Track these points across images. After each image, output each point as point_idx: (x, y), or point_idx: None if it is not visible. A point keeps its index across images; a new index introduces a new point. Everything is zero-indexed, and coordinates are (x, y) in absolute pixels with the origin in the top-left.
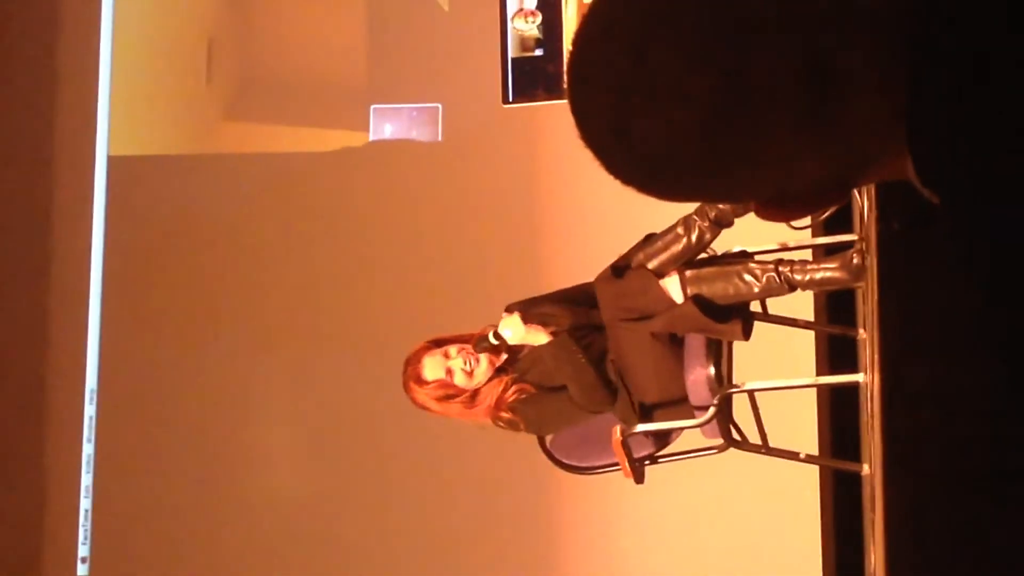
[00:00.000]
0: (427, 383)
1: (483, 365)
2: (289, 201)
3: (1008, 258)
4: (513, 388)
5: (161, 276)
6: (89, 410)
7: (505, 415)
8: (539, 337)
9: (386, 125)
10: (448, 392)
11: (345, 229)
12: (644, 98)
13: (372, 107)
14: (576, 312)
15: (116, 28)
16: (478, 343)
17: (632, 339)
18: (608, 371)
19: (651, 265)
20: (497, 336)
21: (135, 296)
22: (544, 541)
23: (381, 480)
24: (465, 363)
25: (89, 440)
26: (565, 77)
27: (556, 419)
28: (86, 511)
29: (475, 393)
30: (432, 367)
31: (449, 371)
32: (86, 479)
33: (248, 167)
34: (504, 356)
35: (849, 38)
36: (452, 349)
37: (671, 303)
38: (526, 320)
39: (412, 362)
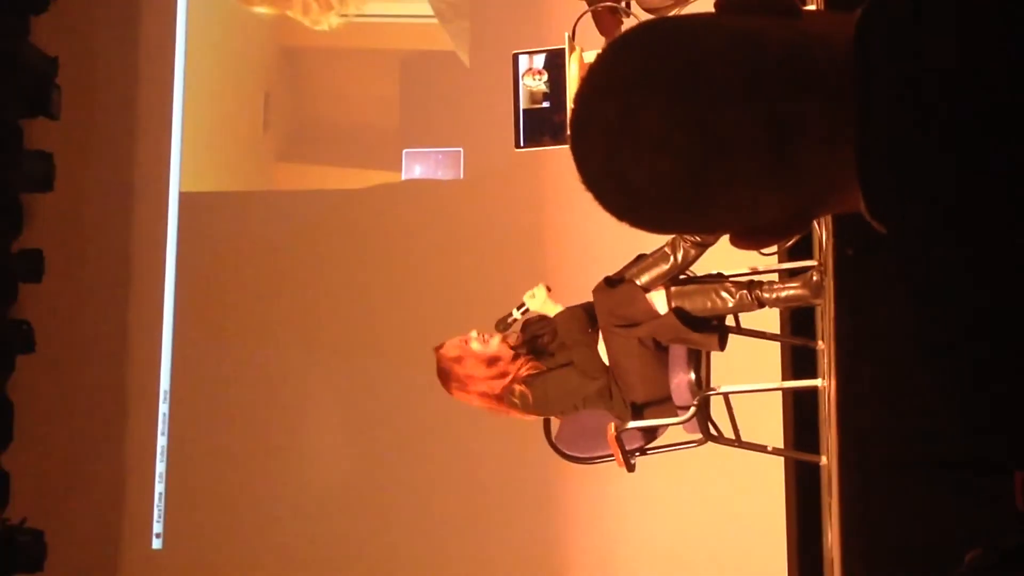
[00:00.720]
0: (445, 345)
1: (496, 339)
2: (333, 231)
3: (939, 279)
4: (528, 365)
5: (224, 295)
6: (163, 408)
7: (518, 387)
8: (555, 308)
9: (416, 166)
10: (464, 352)
11: (380, 255)
12: (633, 149)
13: (404, 151)
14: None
15: (187, 81)
16: (499, 321)
17: (622, 344)
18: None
19: (641, 280)
20: (520, 308)
21: (202, 311)
22: (551, 521)
23: (406, 470)
24: (480, 335)
25: (163, 433)
26: (568, 128)
27: (559, 399)
28: (160, 494)
29: (493, 360)
30: (451, 341)
31: (465, 340)
32: (160, 467)
33: (298, 202)
34: (518, 339)
35: (803, 96)
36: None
37: (656, 314)
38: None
39: (436, 347)
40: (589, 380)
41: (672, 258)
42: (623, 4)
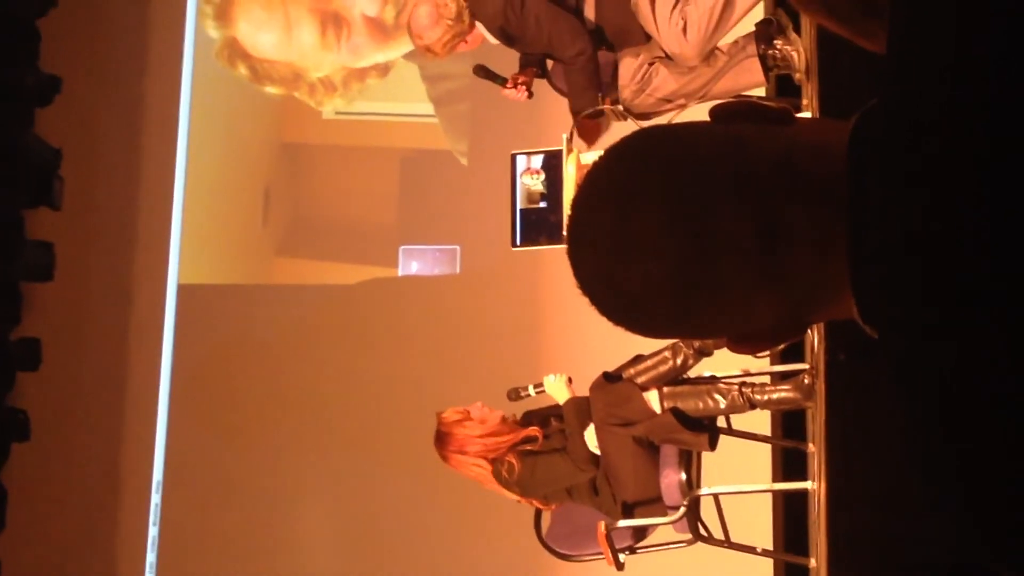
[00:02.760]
0: (448, 410)
1: (497, 414)
2: (330, 325)
3: (931, 386)
4: (527, 432)
5: (220, 386)
6: (155, 498)
7: (509, 458)
8: (566, 395)
9: (413, 263)
10: (463, 416)
11: (376, 349)
12: (626, 255)
13: (401, 248)
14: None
15: (188, 174)
16: (512, 391)
17: (617, 441)
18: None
19: (639, 380)
20: (536, 386)
21: (197, 403)
22: None
23: (405, 564)
24: (483, 408)
25: (154, 523)
26: (564, 233)
27: (545, 483)
28: None
29: (493, 424)
30: (455, 408)
31: (466, 410)
32: (150, 557)
33: (296, 296)
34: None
35: (794, 203)
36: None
37: (652, 413)
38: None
39: (439, 412)
40: (578, 471)
41: (672, 362)
42: (620, 108)
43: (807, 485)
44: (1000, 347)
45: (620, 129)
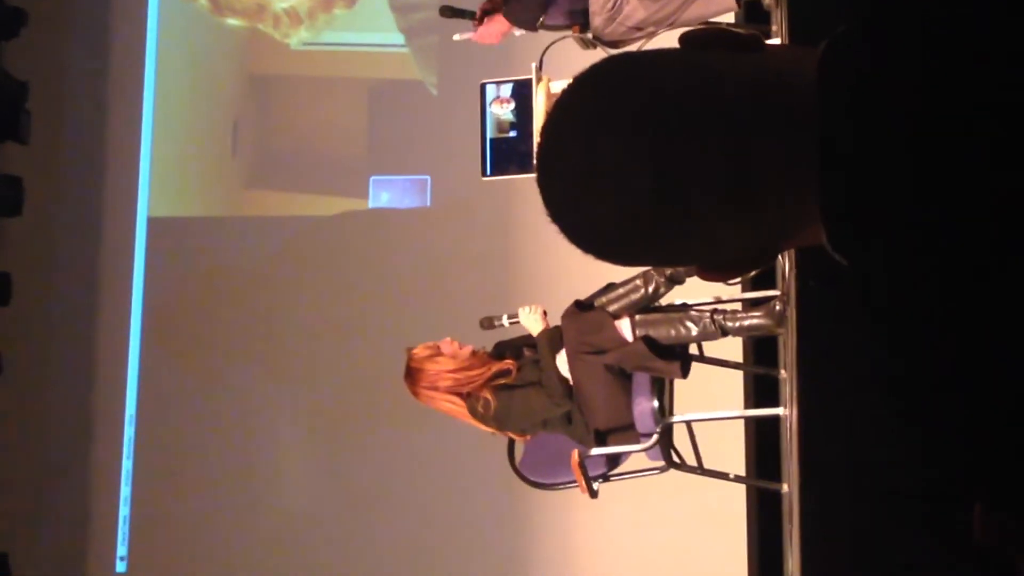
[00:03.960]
0: (418, 346)
1: (468, 348)
2: (300, 257)
3: (900, 311)
4: (499, 365)
5: (191, 319)
6: (128, 431)
7: (484, 394)
8: (539, 326)
9: (383, 194)
10: (434, 351)
11: (346, 280)
12: (595, 184)
13: (371, 178)
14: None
15: (157, 108)
16: (485, 319)
17: (589, 370)
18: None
19: (610, 308)
20: (510, 316)
21: (168, 335)
22: (513, 546)
23: (376, 493)
24: (453, 343)
25: (128, 457)
26: (534, 164)
27: (520, 417)
28: (125, 517)
29: (465, 359)
30: (424, 344)
31: (436, 345)
32: (125, 490)
33: (265, 228)
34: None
35: (764, 133)
36: None
37: (623, 342)
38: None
39: (408, 348)
40: (553, 405)
41: (643, 290)
42: (589, 36)
43: (779, 411)
44: (966, 274)
45: (590, 57)
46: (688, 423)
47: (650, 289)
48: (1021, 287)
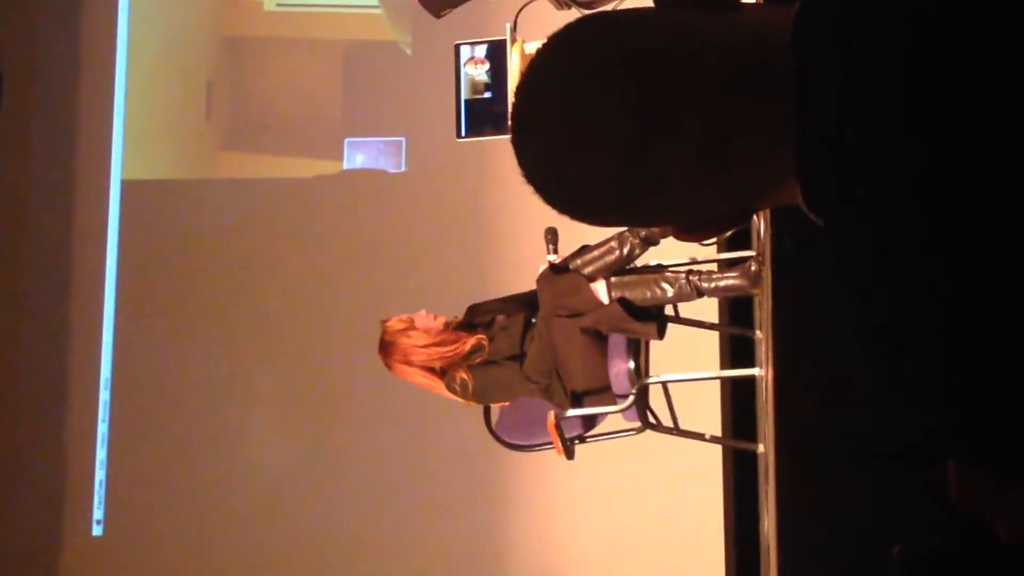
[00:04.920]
0: (392, 319)
1: (442, 319)
2: (275, 219)
3: (875, 270)
4: (475, 339)
5: (166, 282)
6: (103, 395)
7: (461, 374)
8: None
9: (358, 155)
10: (408, 324)
11: (321, 243)
12: (570, 143)
13: (346, 140)
14: (526, 311)
15: (130, 71)
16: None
17: (564, 332)
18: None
19: (585, 271)
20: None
21: (143, 298)
22: (490, 508)
23: (351, 457)
24: (428, 316)
25: (104, 420)
26: (509, 123)
27: (498, 390)
28: (100, 481)
29: (440, 332)
30: (397, 317)
31: (410, 317)
32: (100, 454)
33: (240, 190)
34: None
35: (741, 92)
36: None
37: (599, 304)
38: (488, 307)
39: (383, 320)
40: (531, 383)
41: (618, 252)
42: None
43: (755, 372)
44: (945, 232)
45: (564, 17)
46: (664, 384)
47: (625, 251)
48: (1004, 246)
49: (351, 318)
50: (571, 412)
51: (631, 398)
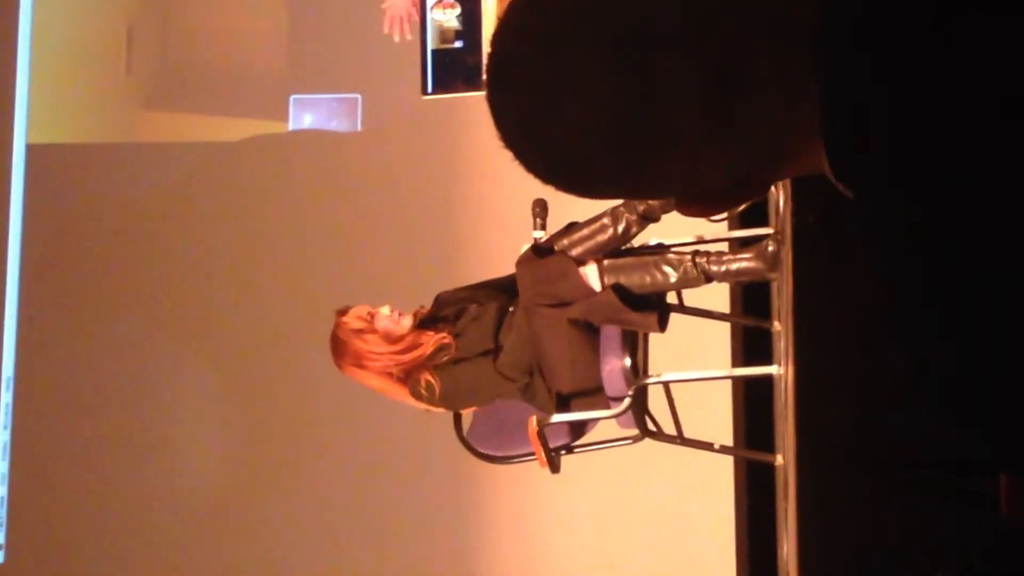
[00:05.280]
0: (348, 314)
1: (408, 319)
2: (208, 190)
3: (917, 251)
4: (438, 339)
5: (79, 264)
6: (6, 397)
7: (426, 377)
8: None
9: (306, 115)
10: (368, 325)
11: (263, 218)
12: (556, 101)
13: (292, 97)
14: (502, 299)
15: (36, 15)
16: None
17: (549, 325)
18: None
19: (574, 252)
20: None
21: (52, 284)
22: (462, 530)
23: (300, 471)
24: (392, 314)
25: (6, 427)
26: (484, 76)
27: (469, 393)
28: (2, 497)
29: (401, 339)
30: (357, 308)
31: (371, 313)
32: (2, 466)
33: (167, 156)
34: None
35: (753, 40)
36: (385, 306)
37: (589, 291)
38: (457, 296)
39: (339, 310)
40: (508, 381)
41: (612, 229)
42: None
43: (772, 370)
44: (1000, 204)
45: None
46: (666, 385)
47: (620, 228)
48: None
49: (298, 306)
50: (556, 417)
51: (627, 401)
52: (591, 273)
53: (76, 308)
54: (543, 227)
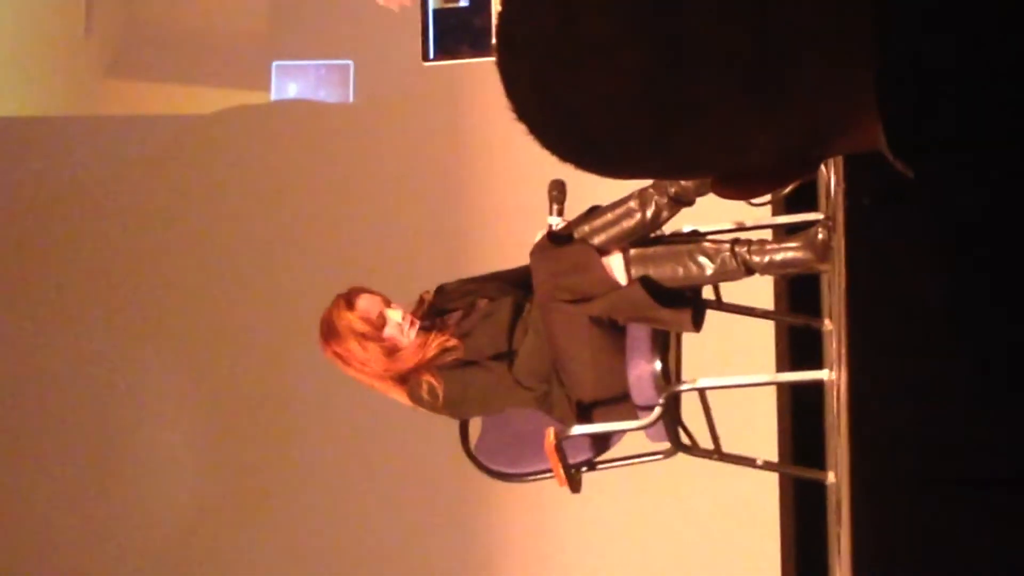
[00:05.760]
0: (356, 309)
1: (415, 330)
2: (178, 170)
3: (987, 241)
4: (440, 341)
5: (35, 255)
6: None
7: (428, 379)
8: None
9: (290, 84)
10: (373, 330)
11: (242, 201)
12: (576, 66)
13: (274, 64)
14: (516, 294)
15: None
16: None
17: (568, 323)
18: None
19: (595, 240)
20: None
21: (4, 274)
22: (472, 556)
23: (279, 482)
24: (404, 320)
25: None
26: (493, 40)
27: (478, 400)
28: None
29: (396, 347)
30: (368, 302)
31: (382, 315)
32: None
33: (132, 130)
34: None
35: None
36: (398, 307)
37: (614, 285)
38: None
39: (349, 292)
40: (523, 390)
41: (640, 214)
42: None
43: (822, 375)
44: None
45: None
46: (701, 392)
47: (648, 213)
48: None
49: (283, 302)
50: (576, 429)
51: (657, 410)
52: (616, 264)
53: (34, 301)
54: (561, 212)
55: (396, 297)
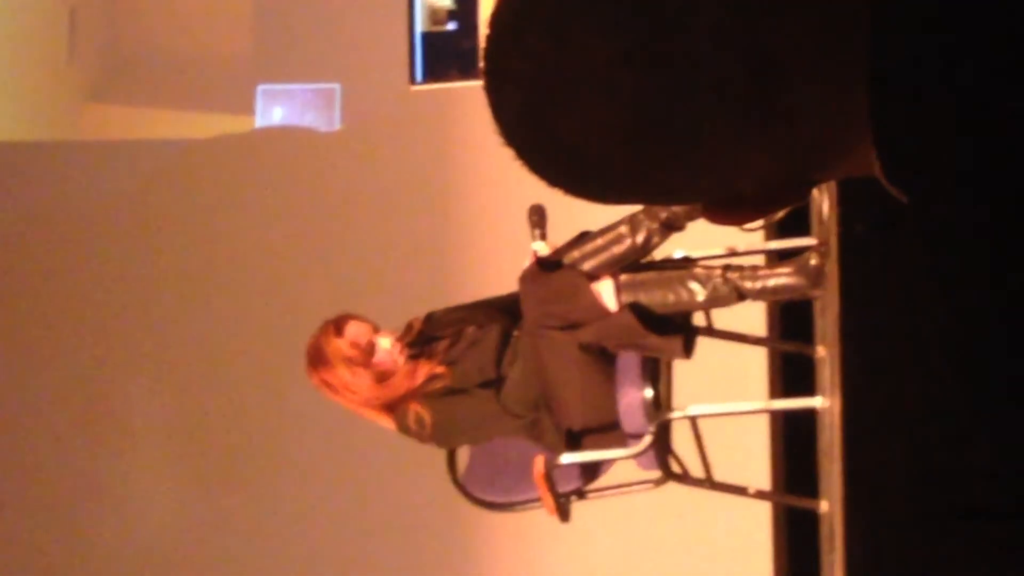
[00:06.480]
0: (345, 336)
1: (404, 362)
2: (161, 197)
3: (984, 267)
4: (428, 369)
5: (16, 280)
6: None
7: (415, 408)
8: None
9: (275, 108)
10: (362, 357)
11: (228, 226)
12: (564, 93)
13: (259, 87)
14: (504, 321)
15: None
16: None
17: (557, 350)
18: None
19: (585, 266)
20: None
21: None
22: None
23: (269, 518)
24: (393, 348)
25: None
26: (480, 63)
27: (466, 429)
28: None
29: (386, 373)
30: (357, 328)
31: (371, 342)
32: None
33: (116, 155)
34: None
35: (795, 20)
36: (387, 333)
37: (604, 311)
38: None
39: (337, 318)
40: (512, 418)
41: (630, 240)
42: None
43: (815, 403)
44: None
45: None
46: (692, 419)
47: (639, 238)
48: None
49: (268, 325)
50: (566, 458)
51: (647, 439)
52: (606, 290)
53: (16, 329)
54: (543, 236)
55: (384, 323)
